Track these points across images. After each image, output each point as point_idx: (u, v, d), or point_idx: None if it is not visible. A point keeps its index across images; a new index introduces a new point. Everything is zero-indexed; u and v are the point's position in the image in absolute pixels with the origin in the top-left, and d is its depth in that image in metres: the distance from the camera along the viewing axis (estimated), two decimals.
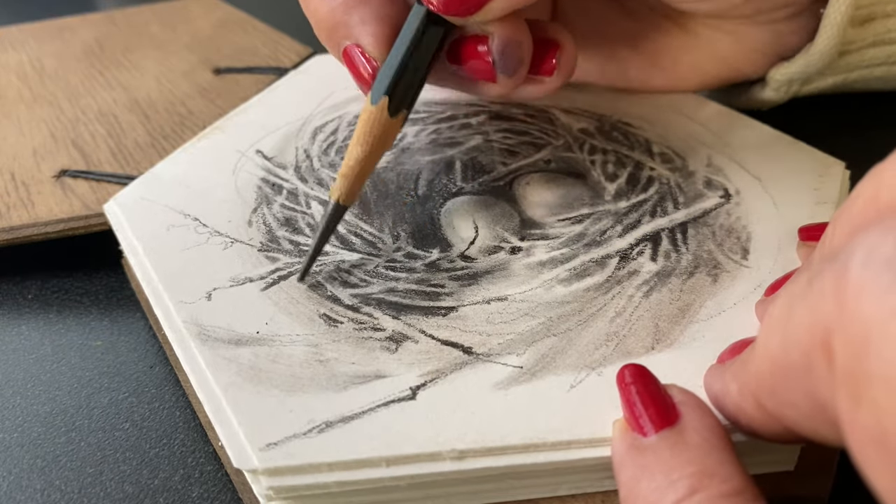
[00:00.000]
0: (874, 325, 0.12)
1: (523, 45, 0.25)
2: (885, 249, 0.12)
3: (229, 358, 0.21)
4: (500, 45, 0.24)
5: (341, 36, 0.25)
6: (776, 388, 0.15)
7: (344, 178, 0.24)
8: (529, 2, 0.23)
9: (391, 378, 0.21)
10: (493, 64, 0.24)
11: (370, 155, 0.24)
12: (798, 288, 0.15)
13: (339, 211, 0.24)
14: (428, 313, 0.23)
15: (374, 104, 0.24)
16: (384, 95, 0.24)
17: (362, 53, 0.24)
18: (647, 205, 0.27)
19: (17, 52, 0.42)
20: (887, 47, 0.31)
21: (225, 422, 0.19)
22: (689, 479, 0.16)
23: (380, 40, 0.24)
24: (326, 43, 0.26)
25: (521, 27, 0.24)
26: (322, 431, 0.19)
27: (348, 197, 0.24)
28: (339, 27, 0.25)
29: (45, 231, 0.29)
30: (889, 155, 0.16)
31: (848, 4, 0.28)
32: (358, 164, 0.24)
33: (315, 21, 0.26)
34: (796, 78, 0.31)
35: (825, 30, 0.29)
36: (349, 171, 0.24)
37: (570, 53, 0.26)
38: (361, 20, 0.24)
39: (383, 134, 0.24)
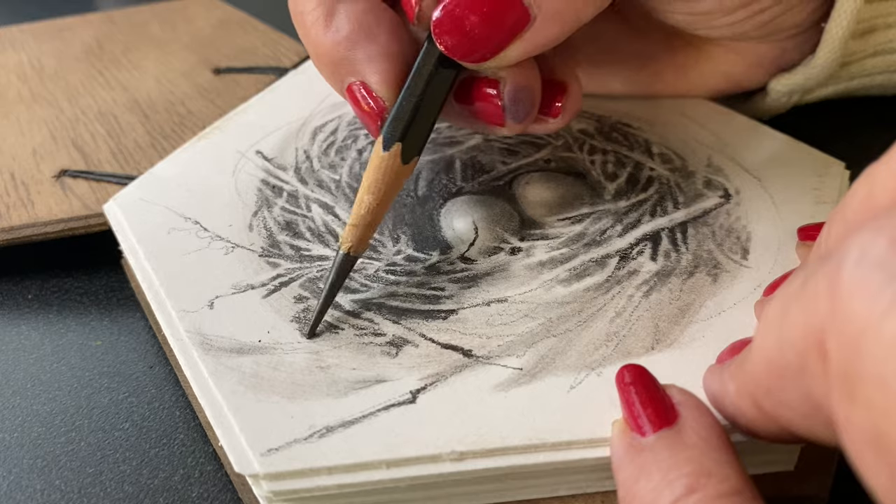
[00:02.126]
0: (867, 325, 0.12)
1: (534, 90, 0.24)
2: (878, 249, 0.12)
3: (231, 367, 0.21)
4: (511, 91, 0.23)
5: (345, 73, 0.24)
6: (772, 389, 0.15)
7: (354, 228, 0.23)
8: (546, 48, 0.23)
9: (391, 382, 0.21)
10: (503, 108, 0.23)
11: (381, 203, 0.23)
12: (793, 288, 0.15)
13: (349, 262, 0.23)
14: (428, 317, 0.23)
15: (387, 151, 0.23)
16: (397, 142, 0.23)
17: (368, 92, 0.23)
18: (647, 204, 0.27)
19: (17, 51, 0.42)
20: (888, 56, 0.31)
21: (226, 427, 0.19)
22: (687, 478, 0.16)
23: (387, 79, 0.23)
24: (328, 78, 0.25)
25: (532, 71, 0.24)
26: (323, 436, 0.19)
27: (359, 247, 0.23)
28: (344, 63, 0.24)
29: (44, 231, 0.29)
30: (883, 155, 0.16)
31: (850, 19, 0.28)
32: (370, 213, 0.23)
33: (315, 52, 0.24)
34: (797, 89, 0.31)
35: (826, 44, 0.29)
36: (360, 220, 0.23)
37: (577, 96, 0.25)
38: (368, 57, 0.23)
39: (395, 181, 0.23)
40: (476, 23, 0.22)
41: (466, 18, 0.22)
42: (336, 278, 0.23)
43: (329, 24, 0.24)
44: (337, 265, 0.23)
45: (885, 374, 0.12)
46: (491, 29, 0.22)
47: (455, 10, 0.22)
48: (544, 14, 0.22)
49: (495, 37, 0.22)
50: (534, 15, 0.22)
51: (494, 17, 0.22)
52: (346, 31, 0.23)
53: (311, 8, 0.24)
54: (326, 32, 0.24)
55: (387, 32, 0.24)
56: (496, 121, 0.24)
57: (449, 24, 0.22)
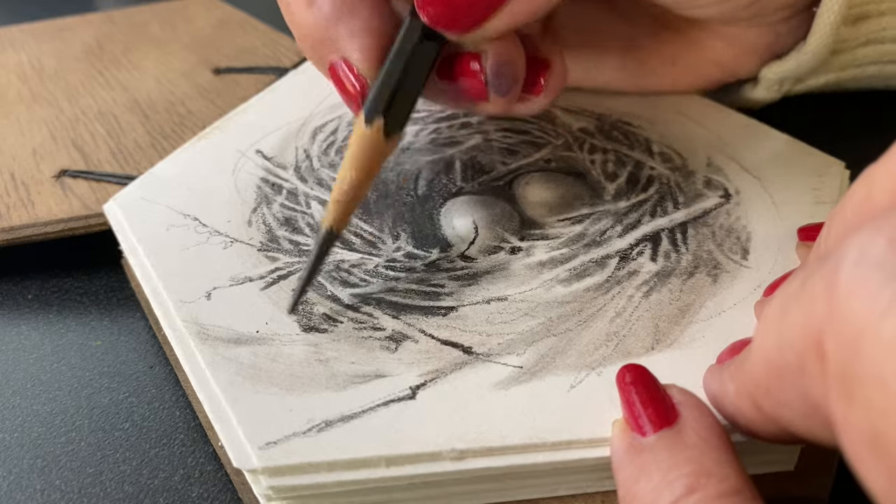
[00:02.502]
0: (865, 326, 0.12)
1: (517, 65, 0.24)
2: (876, 250, 0.12)
3: (229, 357, 0.21)
4: (494, 64, 0.23)
5: (328, 50, 0.23)
6: (771, 389, 0.15)
7: (337, 204, 0.22)
8: (530, 20, 0.23)
9: (391, 377, 0.21)
10: (485, 83, 0.23)
11: (364, 180, 0.23)
12: (792, 289, 0.15)
13: (331, 238, 0.23)
14: (428, 313, 0.23)
15: (369, 126, 0.22)
16: (379, 117, 0.22)
17: (350, 69, 0.23)
18: (647, 205, 0.27)
19: (17, 52, 0.42)
20: (880, 46, 0.31)
21: (224, 420, 0.19)
22: (687, 478, 0.16)
23: (369, 55, 0.23)
24: (311, 57, 0.25)
25: (515, 45, 0.24)
26: (322, 430, 0.19)
27: (341, 223, 0.23)
28: (326, 41, 0.23)
29: (44, 231, 0.29)
30: (881, 156, 0.16)
31: (841, 4, 0.28)
32: (352, 188, 0.22)
33: (299, 33, 0.24)
34: (788, 77, 0.31)
35: (818, 29, 0.29)
36: (343, 195, 0.22)
37: (560, 73, 0.25)
38: (350, 33, 0.23)
39: (378, 157, 0.23)
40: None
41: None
42: (318, 254, 0.22)
43: (312, 3, 0.23)
44: (319, 241, 0.22)
45: (884, 375, 0.12)
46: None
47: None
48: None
49: (479, 6, 0.22)
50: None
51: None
52: (328, 8, 0.23)
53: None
54: (309, 10, 0.23)
55: (368, 7, 0.23)
56: (479, 95, 0.24)
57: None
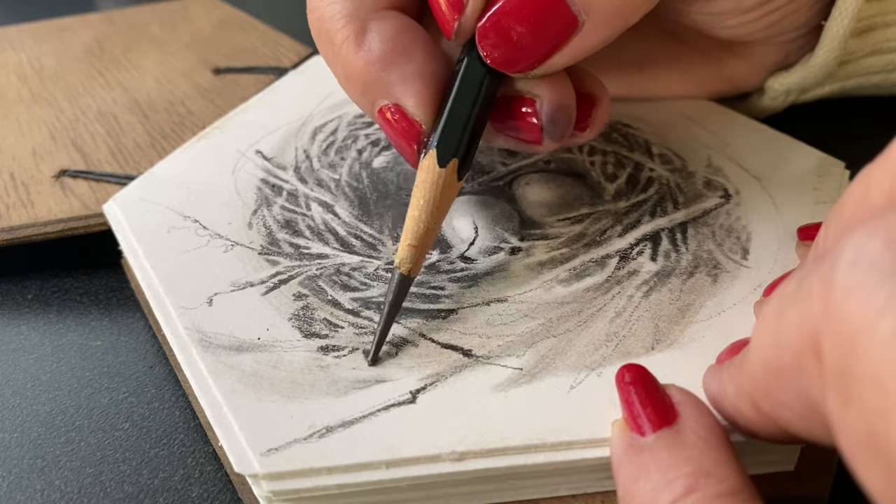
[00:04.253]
0: (861, 326, 0.12)
1: (571, 109, 0.23)
2: (872, 250, 0.12)
3: (231, 365, 0.21)
4: (550, 111, 0.22)
5: (378, 95, 0.23)
6: (770, 390, 0.15)
7: (413, 249, 0.22)
8: (591, 53, 0.22)
9: (391, 382, 0.21)
10: (540, 129, 0.23)
11: (440, 220, 0.22)
12: (789, 289, 0.15)
13: (407, 283, 0.22)
14: (428, 316, 0.23)
15: (443, 168, 0.22)
16: (454, 158, 0.22)
17: (402, 115, 0.22)
18: (647, 205, 0.27)
19: (17, 52, 0.42)
20: (885, 56, 0.31)
21: (226, 427, 0.19)
22: (686, 478, 0.16)
23: (424, 101, 0.22)
24: (357, 100, 0.24)
25: (568, 88, 0.23)
26: (322, 436, 0.19)
27: (416, 268, 0.22)
28: (376, 85, 0.22)
29: (44, 231, 0.29)
30: (878, 155, 0.16)
31: (851, 17, 0.28)
32: (428, 232, 0.22)
33: (345, 75, 0.23)
34: (794, 88, 0.31)
35: (826, 42, 0.29)
36: (419, 241, 0.22)
37: (606, 108, 0.25)
38: (403, 79, 0.22)
39: (452, 197, 0.22)
40: (523, 33, 0.21)
41: (513, 29, 0.21)
42: (395, 300, 0.22)
43: (361, 44, 0.22)
44: (396, 287, 0.22)
45: (880, 375, 0.12)
46: (538, 38, 0.21)
47: (501, 21, 0.21)
48: (593, 20, 0.21)
49: (543, 45, 0.21)
50: (582, 21, 0.21)
51: (541, 25, 0.21)
52: (380, 51, 0.22)
53: (340, 26, 0.23)
54: (358, 52, 0.22)
55: (421, 52, 0.22)
56: (534, 140, 0.23)
57: (494, 34, 0.21)
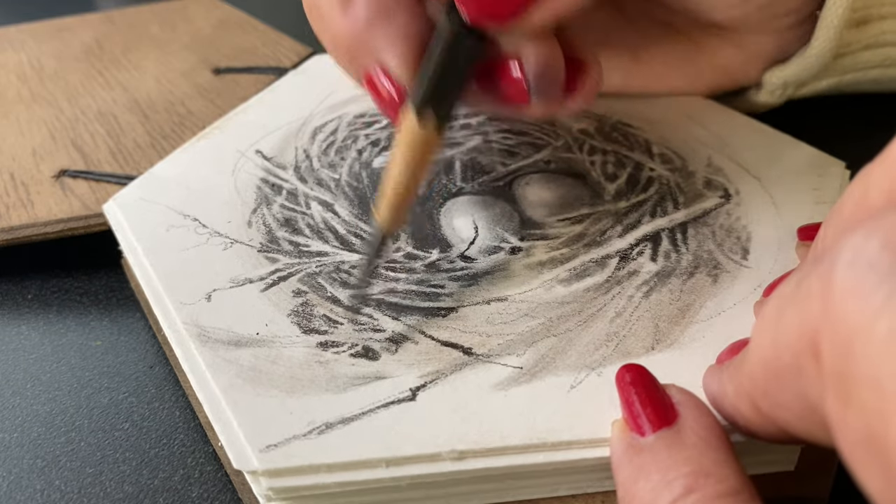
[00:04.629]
0: (859, 327, 0.12)
1: (558, 68, 0.23)
2: (870, 250, 0.12)
3: (229, 359, 0.21)
4: (536, 67, 0.22)
5: (363, 57, 0.23)
6: (769, 390, 0.15)
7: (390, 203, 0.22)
8: (572, 11, 0.22)
9: (391, 379, 0.21)
10: (527, 87, 0.23)
11: (419, 175, 0.22)
12: (788, 290, 0.15)
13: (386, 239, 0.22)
14: (428, 314, 0.23)
15: (420, 118, 0.22)
16: (430, 109, 0.22)
17: (388, 77, 0.23)
18: (647, 205, 0.27)
19: (17, 52, 0.42)
20: (882, 50, 0.31)
21: (225, 423, 0.19)
22: (685, 478, 0.16)
23: (407, 61, 0.22)
24: (344, 64, 0.24)
25: (555, 47, 0.23)
26: (322, 433, 0.19)
27: (395, 224, 0.22)
28: (362, 48, 0.23)
29: (44, 231, 0.29)
30: (877, 155, 0.16)
31: (845, 7, 0.28)
32: (406, 186, 0.22)
33: (332, 39, 0.24)
34: (791, 81, 0.31)
35: (821, 31, 0.29)
36: (397, 194, 0.22)
37: (597, 73, 0.24)
38: (387, 39, 0.22)
39: (430, 151, 0.22)
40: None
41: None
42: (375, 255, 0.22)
43: (346, 9, 0.23)
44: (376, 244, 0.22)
45: (878, 376, 0.12)
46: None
47: None
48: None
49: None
50: None
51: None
52: (364, 13, 0.23)
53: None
54: (344, 17, 0.23)
55: (405, 12, 0.23)
56: (521, 99, 0.23)
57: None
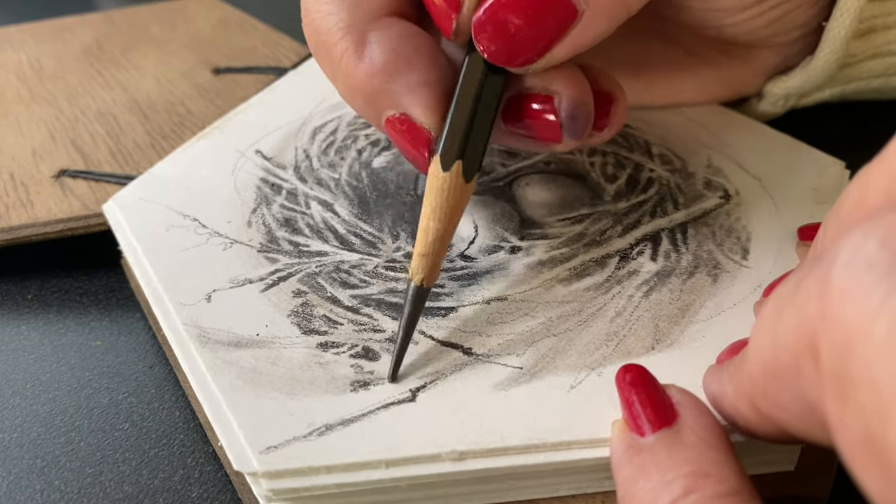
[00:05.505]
0: (857, 327, 0.12)
1: (590, 105, 0.22)
2: (868, 250, 0.12)
3: (229, 360, 0.21)
4: (569, 107, 0.22)
5: (384, 105, 0.22)
6: (768, 391, 0.15)
7: (424, 258, 0.21)
8: (591, 45, 0.21)
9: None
10: (560, 125, 0.22)
11: (449, 228, 0.21)
12: (786, 290, 0.15)
13: (422, 294, 0.21)
14: (428, 314, 0.23)
15: (447, 171, 0.21)
16: (457, 160, 0.21)
17: (411, 124, 0.22)
18: (647, 205, 0.27)
19: (17, 52, 0.42)
20: (886, 59, 0.31)
21: (225, 424, 0.19)
22: (685, 479, 0.16)
23: (432, 109, 0.22)
24: (362, 112, 0.23)
25: (585, 85, 0.22)
26: (322, 434, 0.19)
27: (431, 278, 0.21)
28: (381, 95, 0.22)
29: (44, 231, 0.29)
30: (876, 155, 0.16)
31: (852, 18, 0.28)
32: (438, 239, 0.21)
33: (347, 88, 0.22)
34: (794, 92, 0.31)
35: (827, 44, 0.28)
36: (428, 249, 0.21)
37: (624, 106, 0.24)
38: (408, 88, 0.21)
39: (461, 203, 0.21)
40: (520, 25, 0.20)
41: (510, 21, 0.20)
42: (412, 312, 0.21)
43: (361, 55, 0.22)
44: (411, 299, 0.21)
45: (876, 376, 0.12)
46: (536, 29, 0.20)
47: (497, 14, 0.20)
48: (592, 9, 0.20)
49: (541, 37, 0.21)
50: (581, 10, 0.20)
51: (539, 16, 0.20)
52: (381, 61, 0.21)
53: (338, 38, 0.22)
54: (359, 64, 0.22)
55: (425, 59, 0.22)
56: (553, 138, 0.23)
57: (491, 28, 0.21)
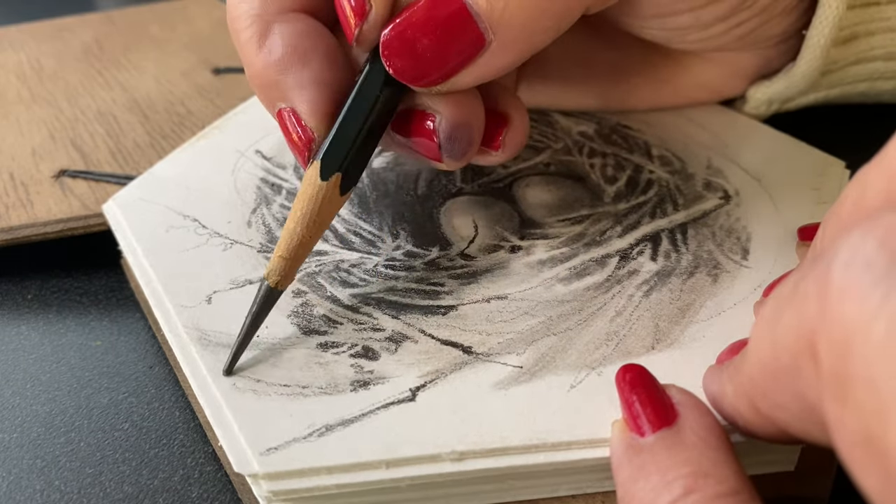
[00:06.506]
0: (856, 327, 0.12)
1: (473, 127, 0.22)
2: (866, 251, 0.12)
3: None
4: (448, 129, 0.22)
5: (275, 97, 0.22)
6: (767, 391, 0.15)
7: (284, 261, 0.21)
8: (498, 75, 0.21)
9: (391, 379, 0.21)
10: (438, 146, 0.22)
11: (314, 236, 0.22)
12: (786, 291, 0.15)
13: (273, 296, 0.21)
14: (427, 312, 0.23)
15: (325, 181, 0.21)
16: (337, 172, 0.21)
17: (297, 121, 0.22)
18: (647, 207, 0.27)
19: (17, 52, 0.42)
20: (870, 64, 0.31)
21: (226, 426, 0.19)
22: (685, 479, 0.16)
23: (318, 109, 0.22)
24: (260, 99, 0.23)
25: (472, 105, 0.22)
26: (322, 435, 0.19)
27: (286, 281, 0.21)
28: (274, 87, 0.22)
29: (44, 231, 0.29)
30: (874, 156, 0.16)
31: (832, 27, 0.28)
32: (302, 245, 0.21)
33: (248, 72, 0.23)
34: (776, 98, 0.31)
35: (808, 52, 0.29)
36: (290, 252, 0.21)
37: (520, 128, 0.24)
38: (299, 84, 0.22)
39: (331, 212, 0.22)
40: (428, 45, 0.20)
41: (418, 40, 0.20)
42: (259, 312, 0.21)
43: (262, 45, 0.22)
44: (261, 298, 0.21)
45: (875, 377, 0.12)
46: (443, 52, 0.21)
47: (406, 32, 0.21)
48: (500, 40, 0.20)
49: (448, 61, 0.21)
50: (489, 40, 0.20)
51: (448, 40, 0.20)
52: (279, 53, 0.22)
53: (245, 25, 0.23)
54: (259, 53, 0.22)
55: (321, 58, 0.22)
56: (433, 157, 0.23)
57: (399, 45, 0.21)
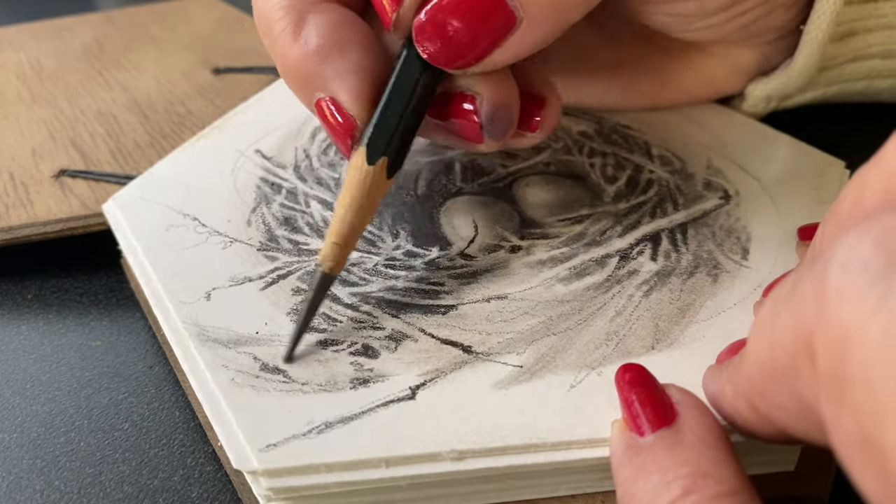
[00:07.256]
0: (853, 328, 0.12)
1: (513, 108, 0.23)
2: (863, 251, 0.12)
3: (228, 359, 0.21)
4: (489, 109, 0.22)
5: (314, 88, 0.22)
6: (766, 391, 0.15)
7: (336, 247, 0.22)
8: (531, 52, 0.22)
9: (391, 378, 0.20)
10: (480, 126, 0.22)
11: (365, 219, 0.22)
12: (784, 291, 0.15)
13: (328, 281, 0.22)
14: (427, 312, 0.23)
15: (372, 165, 0.22)
16: (383, 156, 0.22)
17: (338, 109, 0.22)
18: (647, 206, 0.27)
19: (17, 52, 0.42)
20: (868, 62, 0.31)
21: (224, 423, 0.19)
22: (684, 479, 0.16)
23: (360, 96, 0.22)
24: (295, 92, 0.23)
25: (510, 87, 0.23)
26: (321, 432, 0.19)
27: (338, 266, 0.22)
28: (312, 77, 0.22)
29: (44, 231, 0.29)
30: (872, 156, 0.16)
31: (829, 21, 0.28)
32: (353, 231, 0.22)
33: (283, 67, 0.23)
34: (774, 95, 0.31)
35: (805, 47, 0.29)
36: (342, 238, 0.22)
37: (555, 109, 0.24)
38: (338, 73, 0.22)
39: (379, 196, 0.22)
40: (460, 28, 0.21)
41: (450, 23, 0.21)
42: (315, 297, 0.22)
43: (297, 36, 0.22)
44: (316, 285, 0.22)
45: (872, 377, 0.12)
46: (475, 33, 0.21)
47: (438, 15, 0.21)
48: (530, 17, 0.21)
49: (480, 41, 0.21)
50: (520, 18, 0.21)
51: (479, 21, 0.21)
52: (316, 43, 0.22)
53: (278, 17, 0.23)
54: (294, 44, 0.22)
55: (359, 46, 0.22)
56: (474, 138, 0.23)
57: (432, 29, 0.21)
